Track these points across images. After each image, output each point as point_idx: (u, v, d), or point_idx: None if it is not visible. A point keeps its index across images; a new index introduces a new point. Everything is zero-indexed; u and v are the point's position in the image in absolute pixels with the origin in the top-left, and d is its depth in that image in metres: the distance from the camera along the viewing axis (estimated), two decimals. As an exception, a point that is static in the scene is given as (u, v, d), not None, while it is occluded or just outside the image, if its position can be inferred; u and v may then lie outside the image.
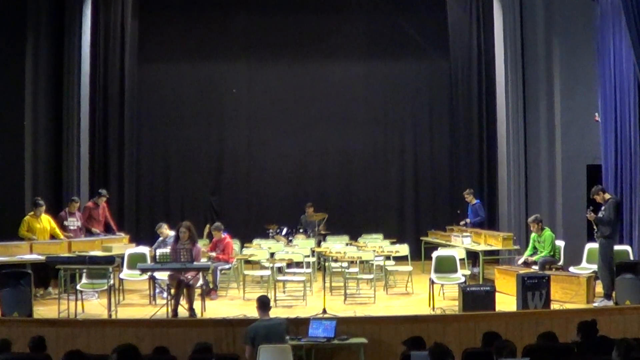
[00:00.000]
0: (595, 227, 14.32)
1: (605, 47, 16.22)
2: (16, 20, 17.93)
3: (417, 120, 22.21)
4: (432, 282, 14.56)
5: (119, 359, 7.11)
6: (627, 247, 15.12)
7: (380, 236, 19.30)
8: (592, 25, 16.95)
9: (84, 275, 14.17)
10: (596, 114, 16.76)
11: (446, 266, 15.09)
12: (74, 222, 16.87)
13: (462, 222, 19.03)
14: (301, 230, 19.33)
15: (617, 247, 14.62)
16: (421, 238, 19.66)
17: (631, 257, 14.80)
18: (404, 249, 17.01)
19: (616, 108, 15.87)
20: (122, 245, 16.52)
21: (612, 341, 8.86)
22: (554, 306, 13.56)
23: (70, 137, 19.39)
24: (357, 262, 16.23)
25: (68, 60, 19.42)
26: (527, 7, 19.46)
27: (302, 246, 17.44)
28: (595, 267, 14.73)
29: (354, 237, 19.17)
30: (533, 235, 16.01)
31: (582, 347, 9.15)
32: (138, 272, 14.56)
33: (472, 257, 17.57)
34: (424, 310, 14.12)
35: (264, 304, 11.30)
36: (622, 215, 15.19)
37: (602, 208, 14.28)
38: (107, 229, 17.69)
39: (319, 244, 18.17)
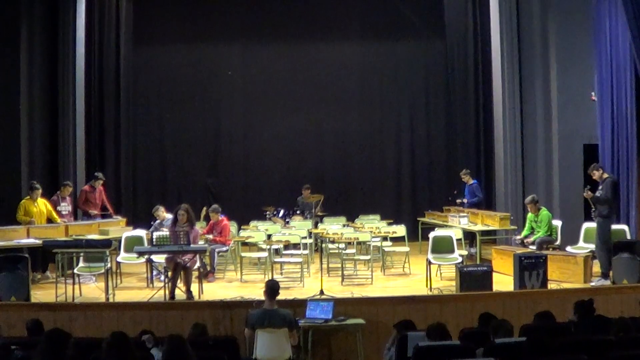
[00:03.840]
0: (592, 206, 14.32)
1: (601, 25, 16.20)
2: (10, 4, 17.86)
3: (413, 101, 22.18)
4: (429, 263, 14.55)
5: (109, 349, 7.11)
6: (625, 227, 15.15)
7: (377, 217, 19.26)
8: (588, 3, 16.90)
9: (81, 258, 14.16)
10: (592, 93, 16.76)
11: (443, 246, 15.11)
12: (65, 207, 16.81)
13: (458, 200, 19.02)
14: (298, 212, 19.33)
15: (614, 227, 14.60)
16: (418, 219, 19.67)
17: (628, 237, 14.86)
18: (401, 230, 17.00)
19: (612, 87, 15.87)
20: (119, 229, 16.50)
21: (609, 320, 8.89)
22: (551, 286, 13.58)
23: (66, 121, 19.31)
24: (354, 243, 16.24)
25: (63, 44, 19.31)
26: (522, -14, 19.43)
27: (299, 228, 17.43)
28: (592, 246, 14.76)
29: (351, 218, 19.13)
30: (530, 215, 16.01)
31: (579, 327, 9.17)
32: (135, 255, 14.52)
33: (469, 237, 17.55)
34: (421, 290, 14.11)
35: (272, 290, 10.83)
36: (620, 195, 15.18)
37: (600, 187, 14.26)
38: (104, 212, 17.66)
39: (316, 226, 18.15)
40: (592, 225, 14.67)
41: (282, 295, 11.89)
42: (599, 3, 16.29)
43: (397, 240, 17.02)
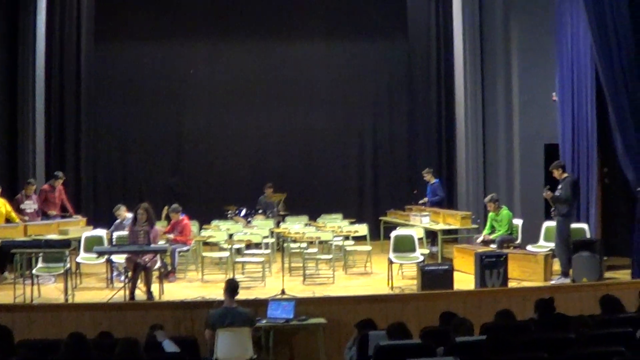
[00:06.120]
0: (552, 205, 14.41)
1: (563, 27, 16.30)
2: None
3: (377, 100, 22.25)
4: (390, 262, 14.60)
5: (67, 350, 7.07)
6: (584, 225, 15.26)
7: (340, 216, 19.28)
8: (549, 4, 16.99)
9: (40, 259, 14.04)
10: (554, 94, 16.86)
11: (405, 246, 15.15)
12: (30, 205, 16.65)
13: (420, 202, 19.07)
14: (260, 211, 19.23)
15: (574, 225, 14.74)
16: (380, 218, 19.69)
17: (588, 235, 14.97)
18: (362, 229, 17.03)
19: (573, 88, 15.97)
20: (79, 229, 16.37)
21: (569, 318, 8.93)
22: (512, 284, 13.69)
23: (25, 119, 19.06)
24: (316, 242, 16.26)
25: (23, 41, 19.06)
26: (485, -13, 19.51)
27: (261, 227, 17.38)
28: (552, 245, 14.87)
29: (313, 217, 19.12)
30: (491, 214, 16.10)
31: (539, 325, 9.20)
32: (95, 255, 14.42)
33: (431, 236, 17.63)
34: (382, 289, 14.17)
35: (232, 288, 10.80)
36: (579, 194, 15.29)
37: (559, 186, 14.36)
38: (64, 212, 17.51)
39: (278, 225, 18.12)
40: (553, 224, 14.78)
41: (244, 295, 11.87)
42: (561, 5, 16.38)
43: (359, 239, 17.03)
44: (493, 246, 15.46)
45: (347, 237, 16.80)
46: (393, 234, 15.47)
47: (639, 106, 13.93)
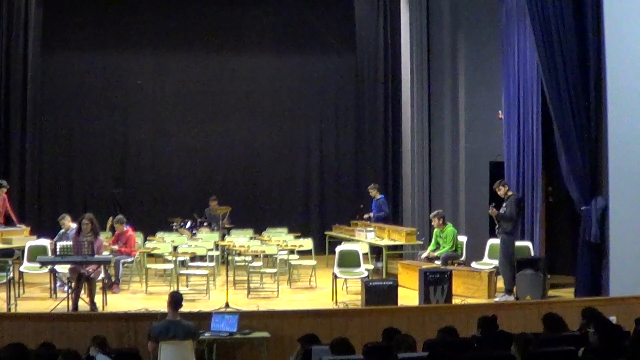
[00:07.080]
0: (496, 223, 14.53)
1: (510, 46, 16.45)
2: None
3: (323, 115, 22.32)
4: (335, 277, 14.60)
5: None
6: (528, 243, 15.39)
7: (285, 230, 19.27)
8: (497, 24, 17.16)
9: (-18, 268, 13.84)
10: (499, 112, 16.99)
11: (349, 261, 15.16)
12: (-30, 215, 16.47)
13: (365, 216, 19.11)
14: (205, 224, 19.18)
15: (518, 243, 14.87)
16: (326, 232, 19.74)
17: (532, 253, 15.09)
18: (307, 243, 16.99)
19: (519, 106, 16.10)
20: (22, 238, 16.19)
21: (511, 336, 8.98)
22: (456, 301, 13.74)
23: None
24: (261, 256, 16.22)
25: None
26: (433, 4, 19.63)
27: (205, 240, 17.28)
28: (496, 262, 14.96)
29: (259, 230, 19.10)
30: (436, 230, 16.17)
31: (481, 342, 9.24)
32: (38, 265, 14.26)
33: (376, 251, 17.65)
34: (327, 304, 14.16)
35: (176, 301, 10.64)
36: (524, 212, 15.42)
37: (504, 204, 14.48)
38: (7, 221, 17.27)
39: (223, 238, 18.03)
40: (497, 241, 14.88)
41: (188, 307, 11.77)
42: (508, 24, 16.54)
43: (304, 253, 17.02)
44: (437, 262, 15.54)
45: (292, 251, 16.76)
46: (338, 249, 15.48)
47: (583, 126, 14.07)
